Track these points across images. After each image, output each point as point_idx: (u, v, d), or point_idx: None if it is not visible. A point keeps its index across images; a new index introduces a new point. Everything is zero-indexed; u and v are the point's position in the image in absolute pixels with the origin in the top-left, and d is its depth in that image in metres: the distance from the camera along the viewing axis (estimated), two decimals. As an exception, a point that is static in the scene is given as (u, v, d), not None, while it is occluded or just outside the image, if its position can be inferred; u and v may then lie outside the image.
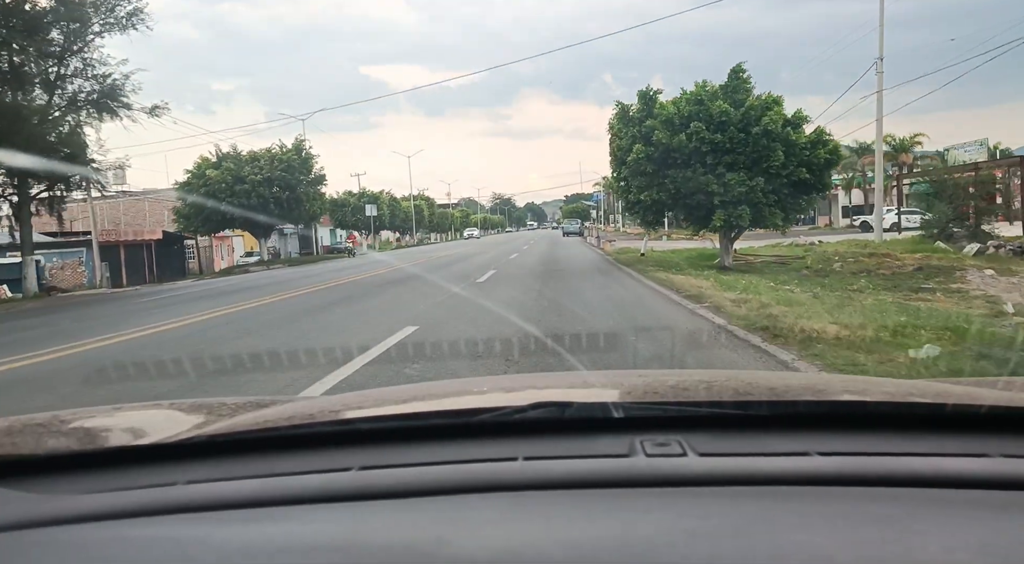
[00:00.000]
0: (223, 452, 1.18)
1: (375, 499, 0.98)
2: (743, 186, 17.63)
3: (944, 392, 1.48)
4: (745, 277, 15.77)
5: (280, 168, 35.94)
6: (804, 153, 17.65)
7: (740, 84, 18.64)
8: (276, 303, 14.59)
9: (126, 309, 16.44)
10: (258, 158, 36.31)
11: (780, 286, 13.96)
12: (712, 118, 18.08)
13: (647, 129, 18.39)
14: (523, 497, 0.97)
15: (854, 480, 0.98)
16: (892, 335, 7.00)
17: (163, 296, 20.33)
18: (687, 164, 18.26)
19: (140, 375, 6.67)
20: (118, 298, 21.93)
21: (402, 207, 70.95)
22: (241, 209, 33.14)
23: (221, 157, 36.65)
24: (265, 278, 25.69)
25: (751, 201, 17.88)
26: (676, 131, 18.29)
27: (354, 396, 1.68)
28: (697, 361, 6.55)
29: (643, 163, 18.27)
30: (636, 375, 2.03)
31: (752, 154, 17.80)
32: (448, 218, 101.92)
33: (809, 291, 12.73)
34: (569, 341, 7.13)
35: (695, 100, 18.42)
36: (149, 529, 0.92)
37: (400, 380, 5.83)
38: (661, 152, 18.27)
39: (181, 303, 16.53)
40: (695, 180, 18.03)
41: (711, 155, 18.00)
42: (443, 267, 23.95)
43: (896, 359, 5.98)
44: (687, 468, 1.02)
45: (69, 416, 1.54)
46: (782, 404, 1.34)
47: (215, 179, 34.86)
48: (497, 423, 1.21)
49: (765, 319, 8.40)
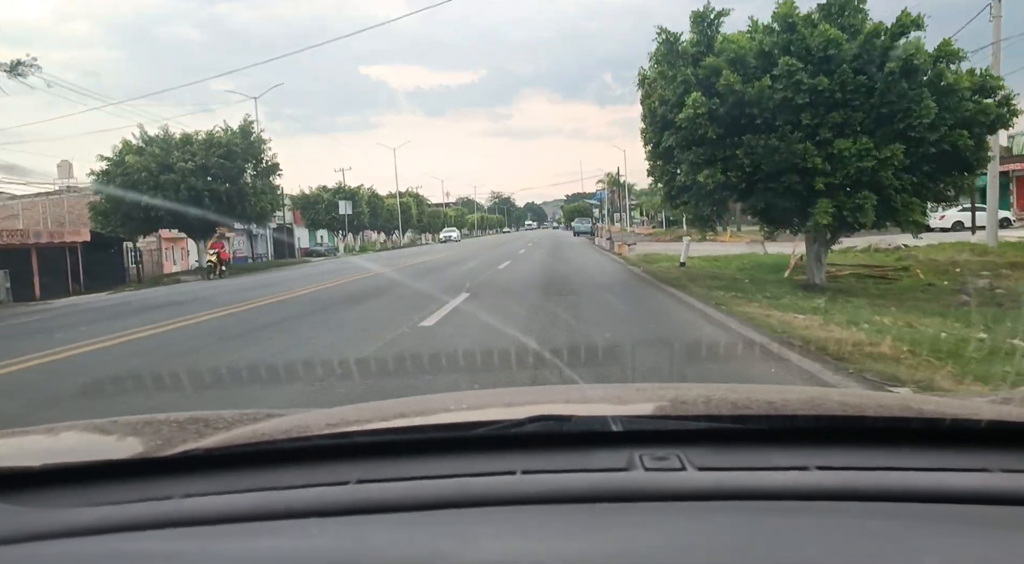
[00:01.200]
0: (220, 466, 1.17)
1: (373, 513, 0.97)
2: (867, 158, 10.90)
3: (943, 407, 1.49)
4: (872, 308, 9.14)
5: (218, 154, 29.04)
6: (966, 106, 10.91)
7: (848, 2, 11.90)
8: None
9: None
10: (190, 141, 29.48)
11: (951, 326, 7.40)
12: (810, 53, 11.38)
13: (708, 71, 11.67)
14: (521, 511, 0.96)
15: (853, 495, 0.97)
16: None
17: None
18: (770, 126, 11.56)
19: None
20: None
21: (385, 205, 63.75)
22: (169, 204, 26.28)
23: (147, 141, 29.75)
24: (195, 292, 19.24)
25: (877, 183, 11.18)
26: (752, 75, 11.60)
27: (351, 409, 1.64)
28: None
29: (702, 123, 11.55)
30: (635, 389, 2.10)
31: (880, 108, 11.09)
32: (441, 217, 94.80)
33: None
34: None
35: (783, 24, 11.69)
36: (145, 543, 0.92)
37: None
38: (730, 106, 11.56)
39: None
40: (785, 151, 11.33)
41: (809, 111, 11.29)
42: (407, 282, 17.18)
43: None
44: (686, 482, 1.02)
45: (64, 429, 1.60)
46: (780, 418, 1.34)
47: (135, 167, 27.90)
48: (495, 437, 1.20)
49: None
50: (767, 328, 7.47)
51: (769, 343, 6.66)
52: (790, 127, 11.44)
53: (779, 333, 7.09)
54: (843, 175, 11.18)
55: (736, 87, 11.34)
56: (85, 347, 8.46)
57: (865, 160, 10.89)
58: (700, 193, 12.52)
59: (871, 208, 11.16)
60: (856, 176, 11.09)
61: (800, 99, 11.23)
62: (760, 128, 11.62)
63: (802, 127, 11.36)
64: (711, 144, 11.86)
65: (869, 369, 5.51)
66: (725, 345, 6.84)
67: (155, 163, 28.35)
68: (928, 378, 5.16)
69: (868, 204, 11.10)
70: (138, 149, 29.32)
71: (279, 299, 13.92)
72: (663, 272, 16.51)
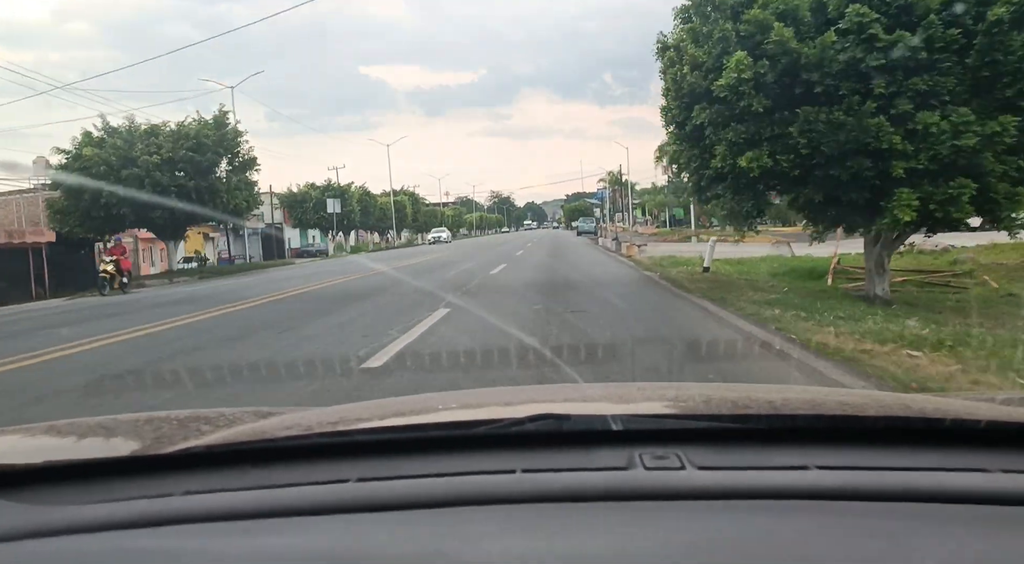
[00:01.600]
0: (220, 463, 1.17)
1: (373, 511, 0.96)
2: (966, 135, 8.35)
3: (943, 407, 1.47)
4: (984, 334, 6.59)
5: (187, 147, 26.30)
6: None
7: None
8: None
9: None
10: (156, 133, 26.63)
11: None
12: (886, 1, 8.85)
13: (753, 26, 9.14)
14: (521, 510, 0.96)
15: (853, 494, 0.97)
16: None
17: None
18: (832, 96, 9.03)
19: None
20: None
21: (378, 203, 60.74)
22: (135, 199, 23.64)
23: (109, 131, 26.94)
24: (156, 298, 16.77)
25: (975, 168, 8.63)
26: (808, 33, 9.08)
27: (352, 407, 1.63)
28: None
29: (746, 92, 9.02)
30: (635, 388, 2.09)
31: (980, 70, 8.55)
32: (438, 216, 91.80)
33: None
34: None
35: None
36: (146, 540, 0.92)
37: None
38: (781, 71, 9.03)
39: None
40: (853, 127, 8.79)
41: (885, 76, 8.75)
42: (372, 294, 14.63)
43: None
44: (686, 482, 1.01)
45: (65, 426, 1.56)
46: (780, 418, 1.33)
47: (93, 161, 25.12)
48: (495, 435, 1.19)
49: None
50: (891, 379, 4.89)
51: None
52: (859, 97, 8.90)
53: (913, 390, 4.58)
54: (929, 157, 8.64)
55: (791, 45, 8.81)
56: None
57: (964, 138, 8.34)
58: (740, 182, 9.98)
59: (967, 200, 8.62)
60: (949, 159, 8.55)
61: (873, 60, 8.69)
62: (820, 98, 9.08)
63: (875, 97, 8.82)
64: (756, 119, 9.31)
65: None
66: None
67: (116, 156, 25.63)
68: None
69: (964, 194, 8.55)
70: (98, 141, 26.60)
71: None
72: (685, 279, 13.91)
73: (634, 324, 8.36)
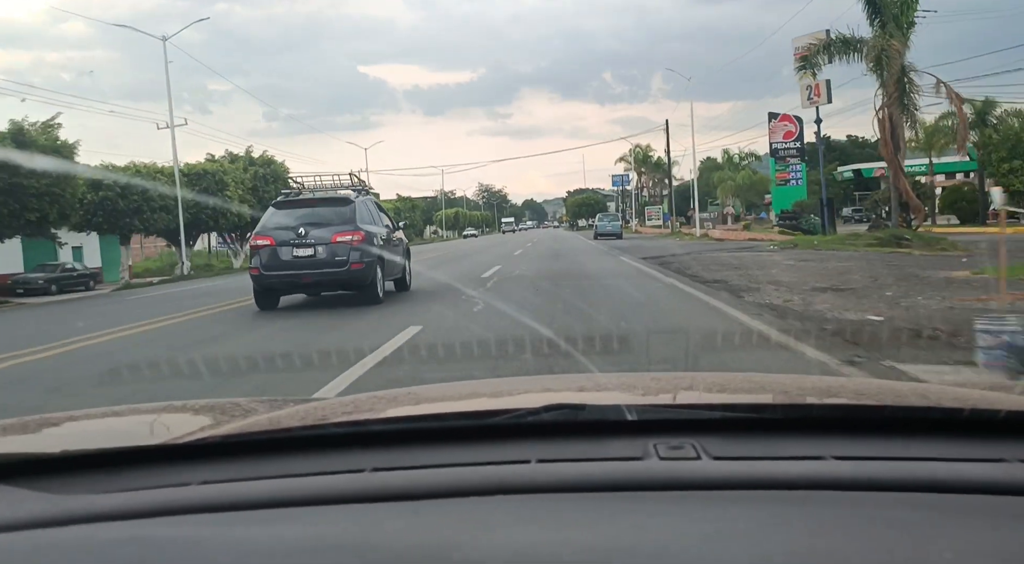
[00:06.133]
0: (236, 453, 1.18)
1: (388, 501, 0.96)
2: None
3: (961, 397, 1.45)
4: None
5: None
6: None
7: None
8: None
9: None
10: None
11: None
12: None
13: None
14: (536, 500, 0.95)
15: (870, 485, 0.95)
16: None
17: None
18: None
19: None
20: None
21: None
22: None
23: None
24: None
25: None
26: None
27: (367, 397, 1.62)
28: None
29: None
30: (650, 377, 2.11)
31: None
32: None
33: None
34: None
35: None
36: (164, 529, 0.92)
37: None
38: None
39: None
40: None
41: None
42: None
43: None
44: (701, 472, 1.00)
45: (83, 416, 1.60)
46: (797, 407, 1.33)
47: None
48: (510, 425, 1.19)
49: None
50: None
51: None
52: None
53: None
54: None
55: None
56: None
57: None
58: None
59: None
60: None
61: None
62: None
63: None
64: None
65: None
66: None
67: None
68: None
69: None
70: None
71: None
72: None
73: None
